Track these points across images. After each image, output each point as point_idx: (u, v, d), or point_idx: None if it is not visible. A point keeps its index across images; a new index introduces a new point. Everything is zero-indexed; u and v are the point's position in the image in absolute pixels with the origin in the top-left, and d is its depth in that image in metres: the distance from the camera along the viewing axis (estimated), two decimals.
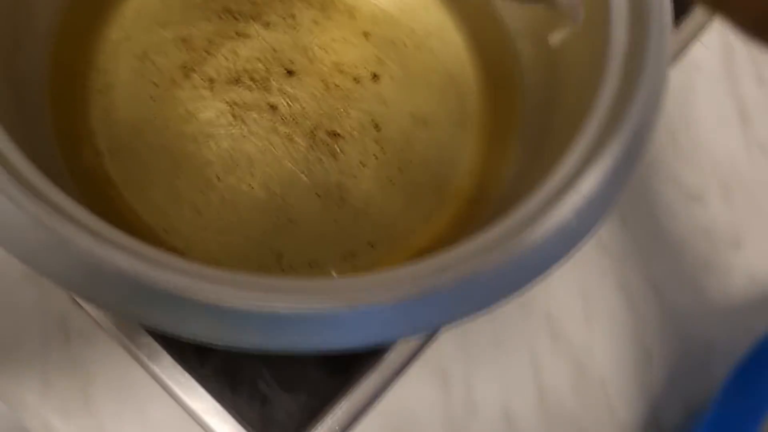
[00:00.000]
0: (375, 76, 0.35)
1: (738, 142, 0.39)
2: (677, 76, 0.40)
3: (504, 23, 0.35)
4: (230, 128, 0.33)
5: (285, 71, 0.34)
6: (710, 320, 0.36)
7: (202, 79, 0.34)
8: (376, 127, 0.34)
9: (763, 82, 0.41)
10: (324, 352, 0.22)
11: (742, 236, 0.37)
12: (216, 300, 0.20)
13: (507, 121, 0.34)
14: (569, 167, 0.24)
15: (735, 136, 0.39)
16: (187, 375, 0.30)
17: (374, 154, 0.34)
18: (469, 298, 0.22)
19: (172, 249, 0.31)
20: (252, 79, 0.34)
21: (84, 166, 0.32)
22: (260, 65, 0.34)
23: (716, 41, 0.41)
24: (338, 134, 0.34)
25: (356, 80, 0.35)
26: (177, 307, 0.21)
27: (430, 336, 0.33)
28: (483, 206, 0.32)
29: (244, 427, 0.31)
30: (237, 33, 0.35)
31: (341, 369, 0.32)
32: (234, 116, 0.33)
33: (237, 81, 0.34)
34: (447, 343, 0.33)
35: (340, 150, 0.34)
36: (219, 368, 0.31)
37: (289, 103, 0.34)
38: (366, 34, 0.36)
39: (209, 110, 0.33)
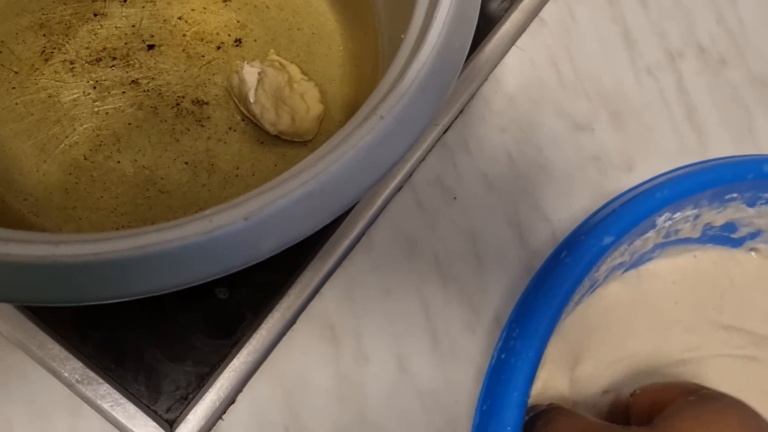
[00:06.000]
0: (238, 41, 0.35)
1: (624, 67, 0.39)
2: (555, 8, 0.39)
3: None
4: (94, 108, 0.33)
5: (146, 46, 0.34)
6: None
7: (62, 62, 0.34)
8: None
9: (646, 5, 0.40)
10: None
11: (633, 159, 0.37)
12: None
13: (373, 57, 0.33)
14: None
15: (621, 61, 0.39)
16: (66, 353, 0.30)
17: (242, 118, 0.34)
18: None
19: (42, 231, 0.32)
20: (113, 57, 0.34)
21: None
22: (120, 42, 0.34)
23: None
24: (204, 102, 0.34)
25: (219, 47, 0.35)
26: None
27: (313, 293, 0.33)
28: None
29: (131, 399, 0.31)
30: (94, 13, 0.35)
31: (226, 333, 0.32)
32: (97, 96, 0.33)
33: (98, 61, 0.34)
34: (332, 298, 0.33)
35: (207, 117, 0.34)
36: (102, 344, 0.31)
37: (152, 76, 0.34)
38: (226, 1, 0.36)
39: (72, 92, 0.33)
